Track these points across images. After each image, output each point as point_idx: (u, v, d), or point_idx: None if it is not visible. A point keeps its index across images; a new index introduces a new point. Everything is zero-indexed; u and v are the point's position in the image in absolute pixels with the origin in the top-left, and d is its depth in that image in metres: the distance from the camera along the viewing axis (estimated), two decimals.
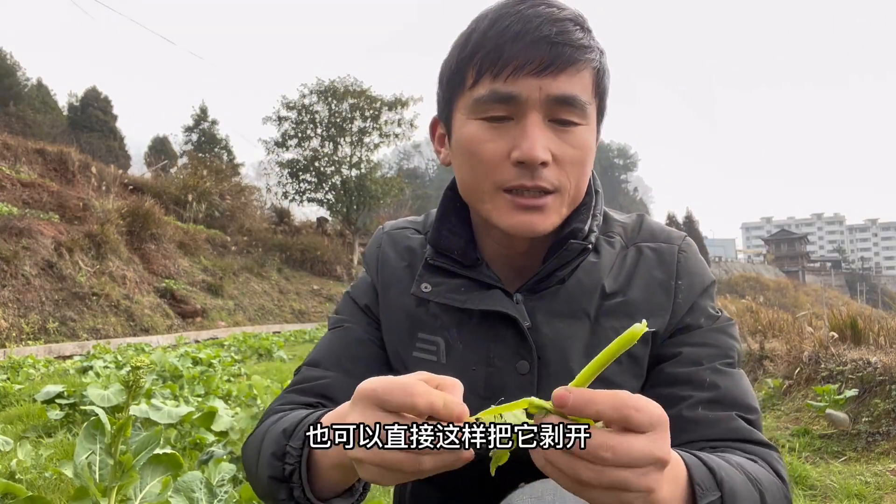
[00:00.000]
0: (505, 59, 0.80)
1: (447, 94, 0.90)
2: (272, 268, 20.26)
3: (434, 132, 0.97)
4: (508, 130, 0.82)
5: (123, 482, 1.77)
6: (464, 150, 0.86)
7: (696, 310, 0.91)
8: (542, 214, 0.84)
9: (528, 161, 0.80)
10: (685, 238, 0.97)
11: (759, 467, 0.76)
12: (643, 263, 0.93)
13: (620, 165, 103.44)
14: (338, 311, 1.05)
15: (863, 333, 5.14)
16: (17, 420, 3.96)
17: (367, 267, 1.06)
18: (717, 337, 0.90)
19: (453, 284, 0.93)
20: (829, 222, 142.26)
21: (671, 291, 0.90)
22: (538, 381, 0.88)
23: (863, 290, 58.02)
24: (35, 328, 9.68)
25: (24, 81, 31.02)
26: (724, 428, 0.82)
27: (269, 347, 9.49)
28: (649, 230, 0.97)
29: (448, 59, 0.89)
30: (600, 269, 0.91)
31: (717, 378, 0.86)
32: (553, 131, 0.82)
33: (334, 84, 27.42)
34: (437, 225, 0.96)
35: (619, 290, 0.91)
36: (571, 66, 0.80)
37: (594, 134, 0.87)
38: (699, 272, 0.93)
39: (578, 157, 0.84)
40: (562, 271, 0.90)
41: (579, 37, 0.81)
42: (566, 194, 0.85)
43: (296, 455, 0.74)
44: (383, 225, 1.09)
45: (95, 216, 13.58)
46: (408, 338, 0.96)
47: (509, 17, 0.81)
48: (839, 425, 3.62)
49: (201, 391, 4.60)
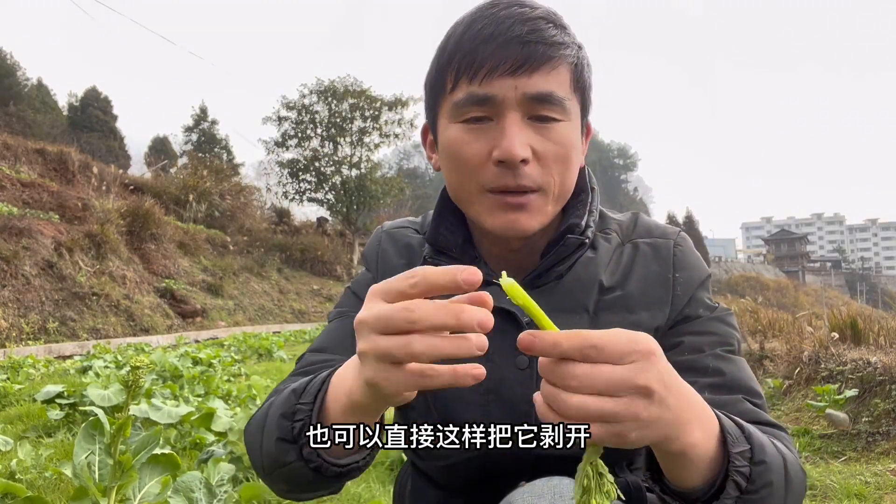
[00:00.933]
0: (479, 61, 0.80)
1: (431, 101, 0.91)
2: (272, 268, 20.26)
3: (425, 139, 0.98)
4: (488, 131, 0.83)
5: (123, 482, 1.77)
6: (448, 153, 0.87)
7: (695, 301, 0.92)
8: (527, 213, 0.84)
9: (508, 159, 0.80)
10: (680, 233, 0.98)
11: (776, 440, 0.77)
12: (640, 258, 0.94)
13: (620, 165, 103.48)
14: (339, 304, 1.06)
15: (863, 333, 5.14)
16: (17, 420, 3.96)
17: (367, 263, 1.07)
18: (717, 325, 0.91)
19: None
20: (829, 222, 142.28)
21: (669, 285, 0.91)
22: (537, 375, 0.88)
23: (863, 290, 58.05)
24: (35, 328, 9.68)
25: (24, 81, 31.05)
26: (733, 410, 0.81)
27: (269, 347, 9.49)
28: (645, 226, 0.99)
29: (430, 66, 0.90)
30: (597, 264, 0.92)
31: (720, 364, 0.87)
32: (533, 129, 0.82)
33: (334, 84, 27.43)
34: (435, 223, 0.97)
35: (616, 284, 0.92)
36: (546, 63, 0.81)
37: (577, 130, 0.87)
38: (695, 265, 0.95)
39: (561, 154, 0.84)
40: (560, 266, 0.91)
41: (552, 34, 0.82)
42: (550, 192, 0.85)
43: (306, 410, 0.72)
44: (382, 224, 1.10)
45: (95, 216, 13.59)
46: None
47: (482, 21, 0.82)
48: (839, 425, 3.62)
49: (201, 391, 4.60)
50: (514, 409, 0.88)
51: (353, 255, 25.64)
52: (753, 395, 0.85)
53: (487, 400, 0.89)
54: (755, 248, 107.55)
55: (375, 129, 27.86)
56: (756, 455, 0.66)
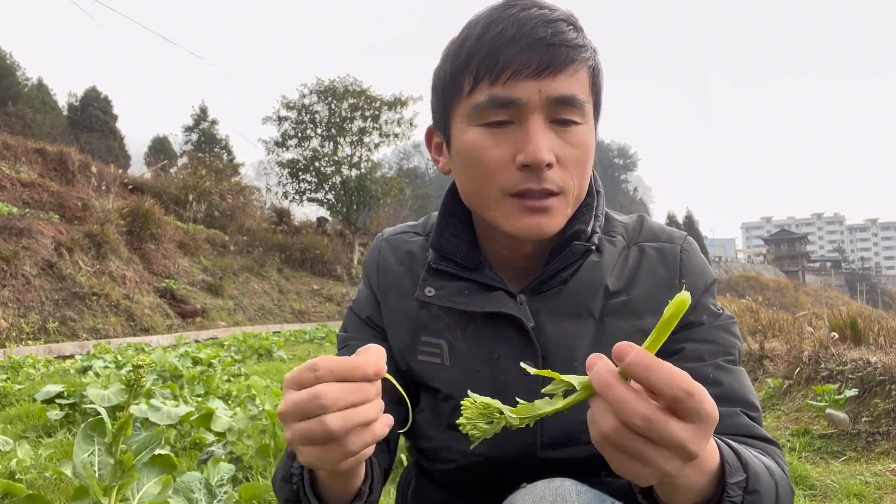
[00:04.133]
0: (502, 63, 0.79)
1: (443, 104, 0.89)
2: (272, 268, 20.25)
3: (430, 141, 0.97)
4: (511, 135, 0.81)
5: (124, 482, 1.77)
6: (466, 157, 0.85)
7: (699, 307, 0.91)
8: (549, 216, 0.84)
9: (534, 164, 0.79)
10: (686, 237, 0.98)
11: (769, 459, 0.77)
12: (646, 262, 0.93)
13: (620, 165, 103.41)
14: (344, 327, 1.06)
15: (863, 333, 5.13)
16: (17, 420, 3.96)
17: (366, 276, 1.06)
18: (719, 334, 0.91)
19: (456, 287, 0.93)
20: (829, 222, 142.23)
21: (675, 290, 0.90)
22: (543, 381, 0.88)
23: (863, 290, 58.02)
24: (35, 328, 9.68)
25: (24, 81, 31.03)
26: (729, 424, 0.82)
27: (268, 347, 9.48)
28: (650, 230, 0.98)
29: (441, 68, 0.88)
30: (603, 268, 0.92)
31: (719, 374, 0.86)
32: (555, 132, 0.82)
33: (334, 84, 27.41)
34: (439, 228, 0.96)
35: (622, 288, 0.91)
36: (569, 66, 0.80)
37: (593, 132, 0.87)
38: (701, 271, 0.94)
39: (580, 157, 0.84)
40: (565, 272, 0.90)
41: (573, 36, 0.81)
42: (570, 195, 0.85)
43: (298, 474, 0.78)
44: (382, 232, 1.09)
45: (95, 216, 13.58)
46: (411, 341, 0.96)
47: (503, 21, 0.80)
48: (839, 425, 3.61)
49: (201, 391, 4.60)
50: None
51: (353, 255, 25.64)
52: (750, 408, 0.86)
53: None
54: (755, 248, 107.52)
55: (375, 128, 27.85)
56: (750, 485, 0.67)
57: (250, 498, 2.12)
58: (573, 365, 0.88)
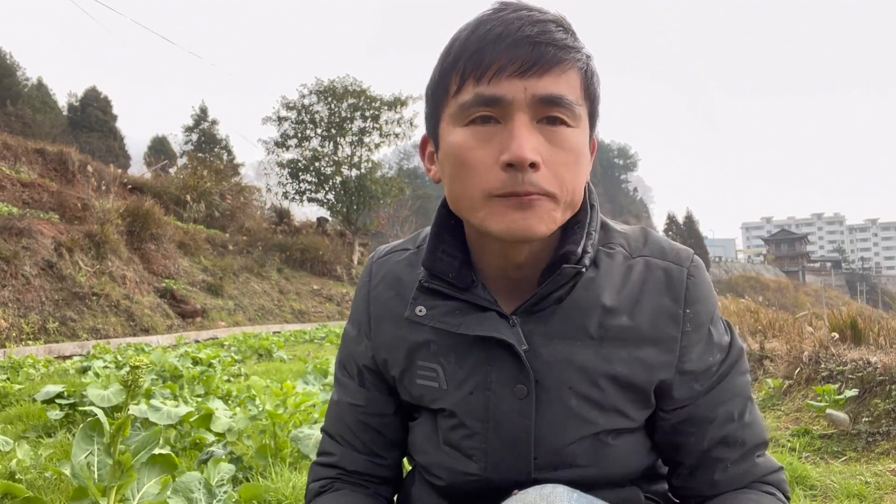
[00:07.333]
0: (487, 61, 0.78)
1: (432, 108, 0.88)
2: (272, 268, 20.25)
3: (424, 150, 0.95)
4: (496, 135, 0.79)
5: (123, 482, 1.77)
6: (451, 159, 0.83)
7: (707, 346, 0.91)
8: (535, 214, 0.79)
9: (517, 162, 0.76)
10: (693, 258, 0.93)
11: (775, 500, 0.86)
12: (651, 283, 0.90)
13: (620, 165, 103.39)
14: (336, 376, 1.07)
15: (863, 333, 5.13)
16: (17, 420, 3.96)
17: (353, 312, 1.04)
18: (734, 383, 0.93)
19: (448, 307, 0.90)
20: (829, 222, 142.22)
21: (679, 321, 0.89)
22: (537, 404, 0.87)
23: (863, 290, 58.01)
24: (35, 328, 9.68)
25: (24, 81, 31.00)
26: (749, 473, 0.91)
27: (268, 347, 9.48)
28: (657, 244, 0.94)
29: (432, 74, 0.87)
30: (599, 284, 0.88)
31: (744, 433, 0.91)
32: (542, 133, 0.79)
33: (334, 84, 27.43)
34: (432, 246, 0.92)
35: (622, 308, 0.88)
36: (556, 65, 0.78)
37: (586, 138, 0.84)
38: (706, 297, 0.91)
39: (569, 161, 0.80)
40: (558, 292, 0.87)
41: (562, 37, 0.80)
42: (560, 199, 0.81)
43: None
44: (373, 254, 1.07)
45: (95, 216, 13.57)
46: (408, 365, 0.95)
47: (490, 22, 0.80)
48: (839, 425, 3.61)
49: (201, 391, 4.60)
50: (512, 438, 0.88)
51: (353, 255, 25.65)
52: (763, 447, 0.93)
53: (486, 428, 0.89)
54: (755, 248, 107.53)
55: (375, 128, 27.88)
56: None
57: (250, 498, 2.12)
58: (566, 387, 0.86)
